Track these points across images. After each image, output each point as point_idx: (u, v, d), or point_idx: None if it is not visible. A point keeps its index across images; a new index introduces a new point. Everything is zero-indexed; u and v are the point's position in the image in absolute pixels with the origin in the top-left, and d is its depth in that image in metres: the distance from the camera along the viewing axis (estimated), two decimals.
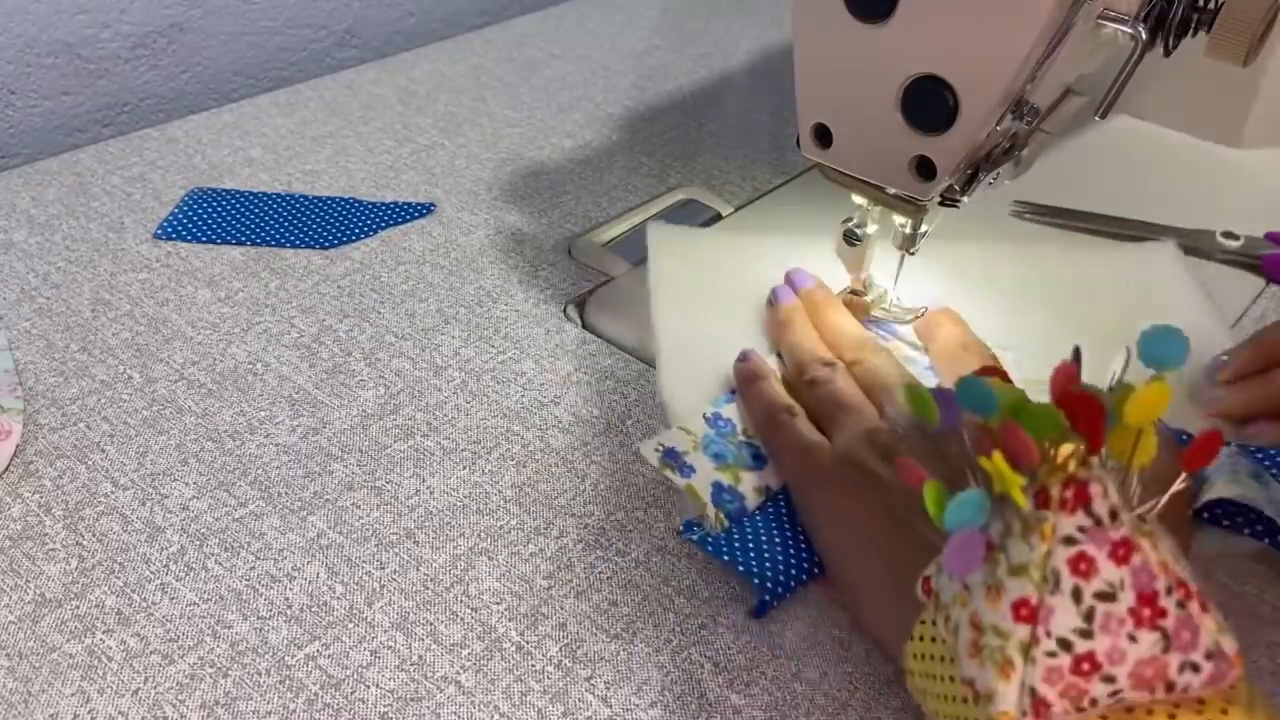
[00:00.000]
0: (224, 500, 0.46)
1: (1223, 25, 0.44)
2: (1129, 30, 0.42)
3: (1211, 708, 0.29)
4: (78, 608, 0.41)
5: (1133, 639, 0.28)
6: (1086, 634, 0.28)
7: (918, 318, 0.54)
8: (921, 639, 0.33)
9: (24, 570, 0.42)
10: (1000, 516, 0.30)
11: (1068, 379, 0.30)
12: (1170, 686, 0.29)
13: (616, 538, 0.45)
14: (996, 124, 0.43)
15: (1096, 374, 0.31)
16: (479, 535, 0.44)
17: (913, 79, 0.42)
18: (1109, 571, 0.28)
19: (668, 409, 0.49)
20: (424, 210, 0.65)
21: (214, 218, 0.63)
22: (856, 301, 0.54)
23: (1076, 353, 0.32)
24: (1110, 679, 0.28)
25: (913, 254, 0.52)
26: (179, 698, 0.38)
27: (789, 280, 0.55)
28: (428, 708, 0.38)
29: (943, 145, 0.43)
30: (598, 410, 0.51)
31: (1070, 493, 0.28)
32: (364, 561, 0.43)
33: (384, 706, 0.38)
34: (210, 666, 0.39)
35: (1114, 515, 0.28)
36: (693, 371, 0.51)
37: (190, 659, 0.39)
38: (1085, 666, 0.28)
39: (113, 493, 0.46)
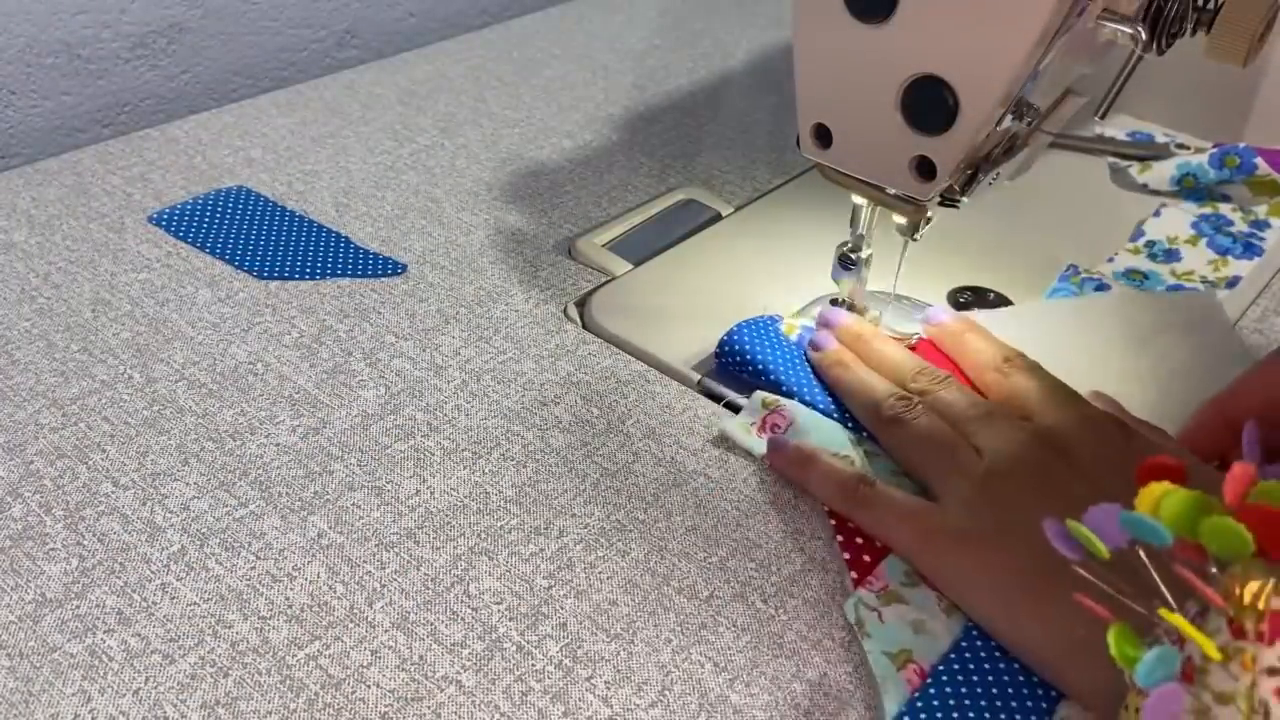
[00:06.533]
0: (224, 500, 0.46)
1: (1222, 25, 0.44)
2: (1129, 30, 0.42)
3: None
4: (78, 607, 0.41)
5: None
6: None
7: (911, 346, 0.52)
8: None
9: (24, 570, 0.42)
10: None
11: (1244, 482, 0.27)
12: None
13: (616, 538, 0.45)
14: (996, 124, 0.43)
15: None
16: (479, 535, 0.44)
17: (912, 79, 0.42)
18: None
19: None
20: (393, 269, 0.60)
21: (212, 224, 0.63)
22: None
23: None
24: None
25: (916, 240, 0.51)
26: (180, 697, 0.38)
27: (822, 321, 0.53)
28: (428, 707, 0.38)
29: (943, 145, 0.43)
30: (598, 410, 0.51)
31: (1266, 626, 0.27)
32: (364, 561, 0.43)
33: (384, 706, 0.38)
34: (211, 666, 0.39)
35: None
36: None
37: (191, 659, 0.39)
38: None
39: (113, 493, 0.46)
